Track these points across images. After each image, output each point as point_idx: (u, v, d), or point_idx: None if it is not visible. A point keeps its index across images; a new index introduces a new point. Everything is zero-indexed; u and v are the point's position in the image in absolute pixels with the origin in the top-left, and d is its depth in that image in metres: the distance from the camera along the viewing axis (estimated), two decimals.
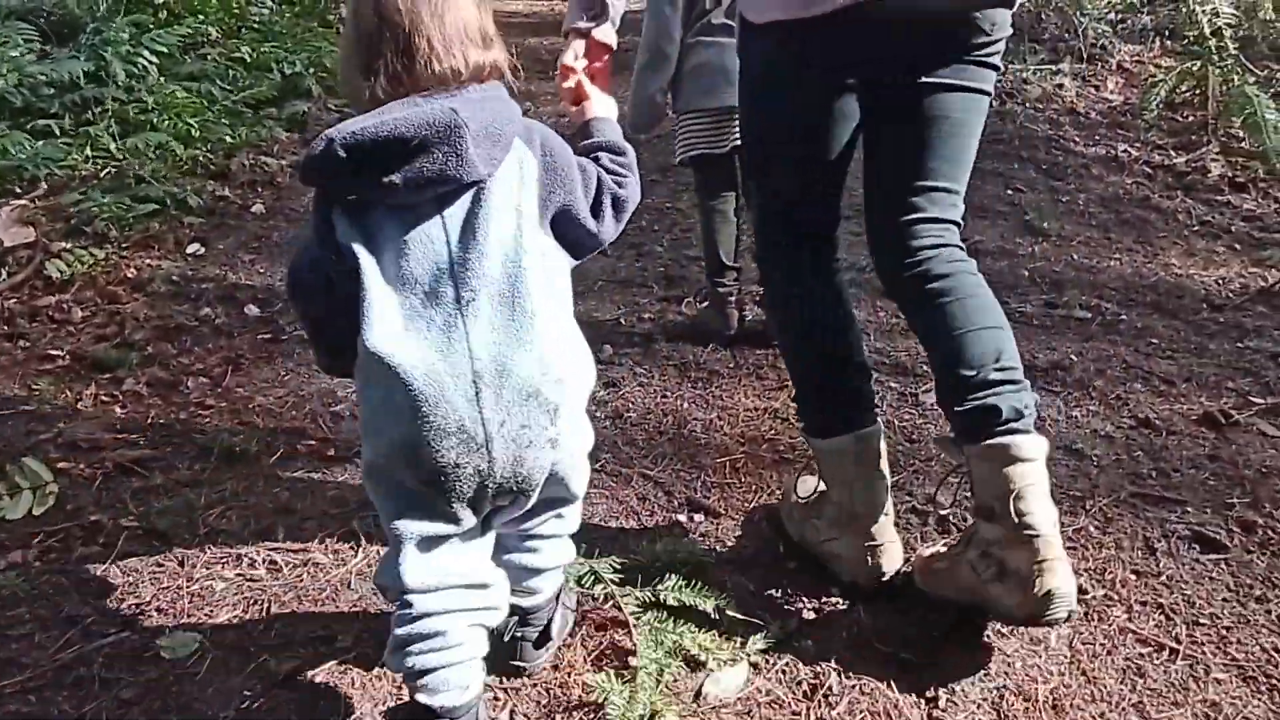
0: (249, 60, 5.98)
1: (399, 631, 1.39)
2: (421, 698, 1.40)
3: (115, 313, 3.22)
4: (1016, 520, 1.60)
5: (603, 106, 1.64)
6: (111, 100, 4.92)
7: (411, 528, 1.36)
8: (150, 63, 5.28)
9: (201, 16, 6.22)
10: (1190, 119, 5.46)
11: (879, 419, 1.88)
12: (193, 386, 2.80)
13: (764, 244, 1.96)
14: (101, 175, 4.41)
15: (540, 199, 1.36)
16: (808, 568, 1.97)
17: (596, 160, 1.50)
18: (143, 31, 5.51)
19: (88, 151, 4.50)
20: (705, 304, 3.19)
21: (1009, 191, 4.31)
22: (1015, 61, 5.88)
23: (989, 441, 1.64)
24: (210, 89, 5.33)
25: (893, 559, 1.85)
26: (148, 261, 3.65)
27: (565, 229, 1.41)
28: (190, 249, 3.79)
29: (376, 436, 1.34)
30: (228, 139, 4.63)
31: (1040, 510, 1.61)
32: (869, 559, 1.84)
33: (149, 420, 2.62)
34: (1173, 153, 4.94)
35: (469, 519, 1.38)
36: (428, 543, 1.38)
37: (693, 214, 3.99)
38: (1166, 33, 6.80)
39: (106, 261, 3.59)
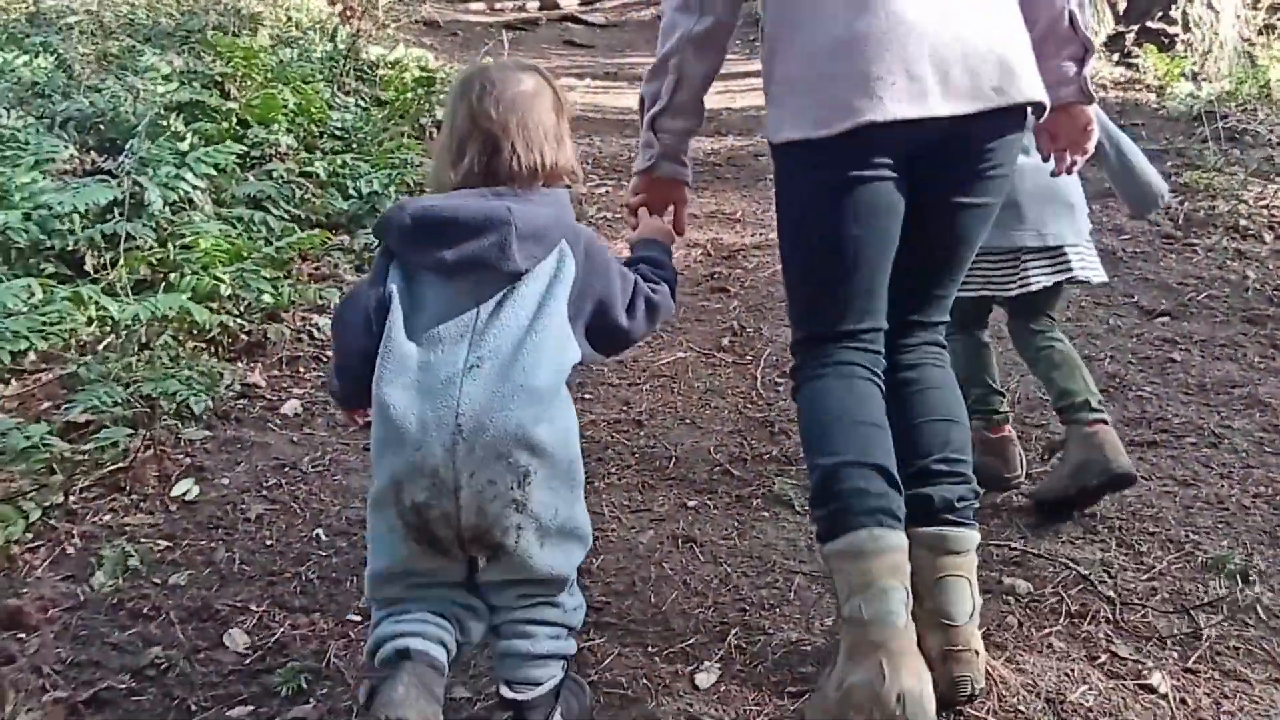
0: (324, 176, 4.68)
1: (372, 634, 1.45)
2: (382, 653, 1.40)
3: (7, 657, 1.80)
4: (935, 606, 1.60)
5: (649, 231, 1.74)
6: (144, 236, 3.62)
7: (395, 557, 1.42)
8: (195, 188, 3.99)
9: (276, 124, 4.96)
10: None
11: (902, 530, 1.56)
12: None
13: (797, 363, 1.77)
14: (103, 347, 3.08)
15: (576, 293, 1.43)
16: None
17: (636, 270, 1.59)
18: (194, 147, 4.25)
19: (91, 312, 3.18)
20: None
21: None
22: None
23: (919, 529, 1.61)
24: (267, 219, 4.01)
25: (915, 676, 1.45)
26: (106, 519, 2.25)
27: (600, 322, 1.48)
28: (179, 490, 2.38)
29: (378, 469, 1.39)
30: (268, 298, 3.26)
31: (957, 600, 1.61)
32: (885, 675, 1.44)
33: None
34: None
35: (442, 564, 1.41)
36: (406, 575, 1.43)
37: None
38: None
39: (43, 523, 2.20)
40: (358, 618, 1.94)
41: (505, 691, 1.49)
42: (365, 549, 2.20)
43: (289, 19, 7.87)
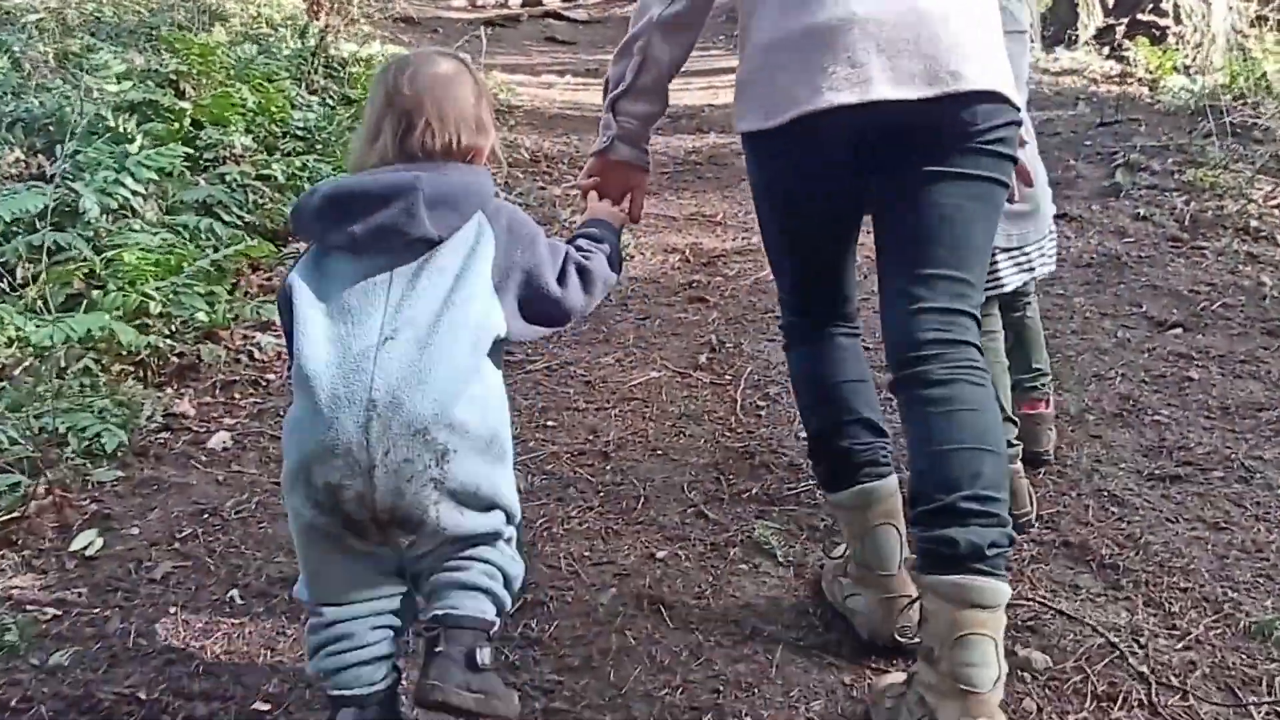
0: (282, 179, 4.35)
1: (310, 638, 1.38)
2: (332, 692, 1.37)
3: None
4: (953, 670, 1.39)
5: (597, 212, 1.68)
6: (78, 247, 3.29)
7: (312, 548, 1.35)
8: (135, 194, 3.66)
9: (232, 125, 4.62)
10: None
11: (890, 474, 1.68)
12: None
13: (782, 323, 1.85)
14: (20, 372, 2.76)
15: (499, 266, 1.38)
16: None
17: (573, 244, 1.55)
18: (143, 149, 3.92)
19: (11, 333, 2.86)
20: None
21: None
22: None
23: (940, 577, 1.43)
24: (214, 226, 3.69)
25: (907, 613, 1.60)
26: None
27: (531, 293, 1.42)
28: (79, 543, 2.06)
29: (288, 449, 1.33)
30: (202, 315, 2.93)
31: (981, 663, 1.39)
32: (882, 612, 1.69)
33: None
34: None
35: (360, 545, 1.33)
36: (328, 561, 1.35)
37: None
38: None
39: None
40: (265, 707, 1.63)
41: (430, 613, 1.33)
42: (285, 614, 1.92)
43: (258, 14, 7.54)
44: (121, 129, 4.33)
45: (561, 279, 1.45)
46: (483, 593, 1.33)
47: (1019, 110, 1.55)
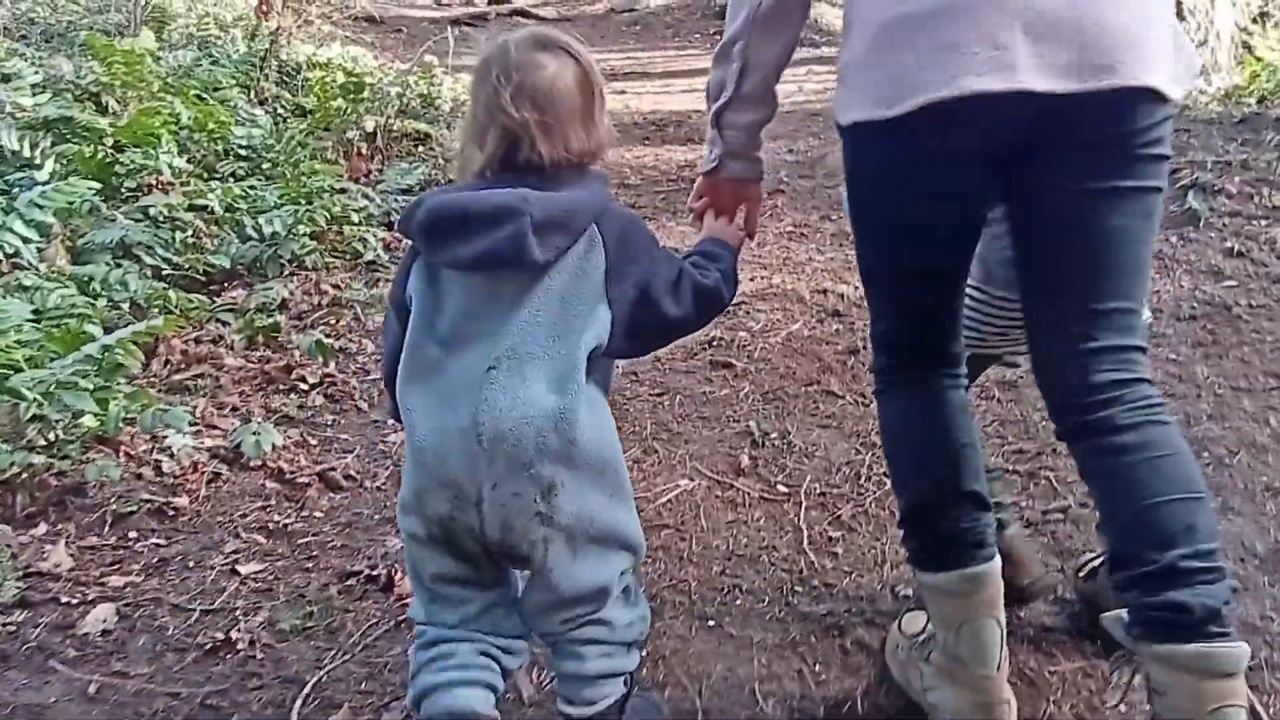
0: (219, 209, 3.56)
1: (414, 657, 1.33)
2: (425, 710, 1.29)
3: None
4: None
5: (714, 233, 1.53)
6: None
7: (425, 568, 1.29)
8: (26, 241, 2.86)
9: (161, 145, 3.81)
10: None
11: (995, 556, 1.41)
12: None
13: (875, 366, 1.55)
14: None
15: (612, 281, 1.25)
16: None
17: (688, 259, 1.42)
18: (55, 175, 3.12)
19: None
20: None
21: None
22: None
23: (1180, 648, 1.22)
24: (128, 278, 2.90)
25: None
26: None
27: (641, 312, 1.27)
28: None
29: (406, 475, 1.27)
30: (90, 419, 2.14)
31: None
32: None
33: None
34: None
35: (471, 573, 1.29)
36: (440, 581, 1.29)
37: None
38: None
39: None
40: None
41: (563, 707, 1.34)
42: None
43: (206, 15, 6.68)
44: (27, 153, 3.52)
45: (676, 295, 1.31)
46: (605, 678, 1.31)
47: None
